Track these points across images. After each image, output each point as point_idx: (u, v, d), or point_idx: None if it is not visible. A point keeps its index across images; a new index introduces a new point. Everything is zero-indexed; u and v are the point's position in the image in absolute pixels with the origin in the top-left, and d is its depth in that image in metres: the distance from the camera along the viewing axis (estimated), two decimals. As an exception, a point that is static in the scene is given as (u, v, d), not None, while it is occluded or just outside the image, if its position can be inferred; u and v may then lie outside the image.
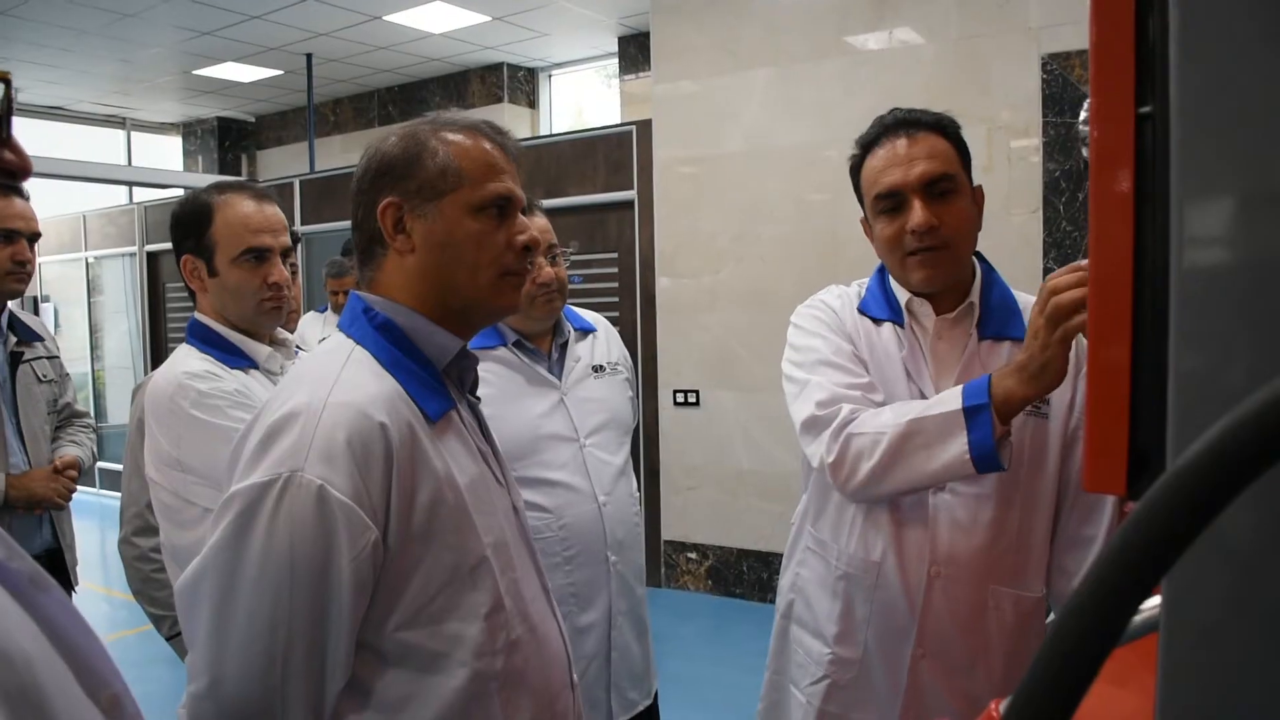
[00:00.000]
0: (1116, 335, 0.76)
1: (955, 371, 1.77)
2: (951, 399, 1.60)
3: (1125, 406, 0.78)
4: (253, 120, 12.00)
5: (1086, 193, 4.57)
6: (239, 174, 11.55)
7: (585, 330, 2.51)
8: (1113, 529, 1.68)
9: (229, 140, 11.93)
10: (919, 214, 1.70)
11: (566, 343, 2.43)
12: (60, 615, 0.81)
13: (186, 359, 1.97)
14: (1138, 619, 0.46)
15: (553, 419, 2.30)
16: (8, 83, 0.83)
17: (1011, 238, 4.70)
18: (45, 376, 3.19)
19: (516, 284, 1.37)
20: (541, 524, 2.22)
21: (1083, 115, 0.80)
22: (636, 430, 4.92)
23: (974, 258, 1.85)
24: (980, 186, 1.78)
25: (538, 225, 2.32)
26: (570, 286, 2.46)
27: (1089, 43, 0.76)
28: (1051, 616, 1.74)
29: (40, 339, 3.17)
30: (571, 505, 2.25)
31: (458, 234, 1.31)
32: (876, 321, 1.84)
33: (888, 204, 1.75)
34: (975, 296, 1.79)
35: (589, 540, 2.25)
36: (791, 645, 1.96)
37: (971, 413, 1.57)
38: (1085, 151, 0.80)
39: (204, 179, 10.17)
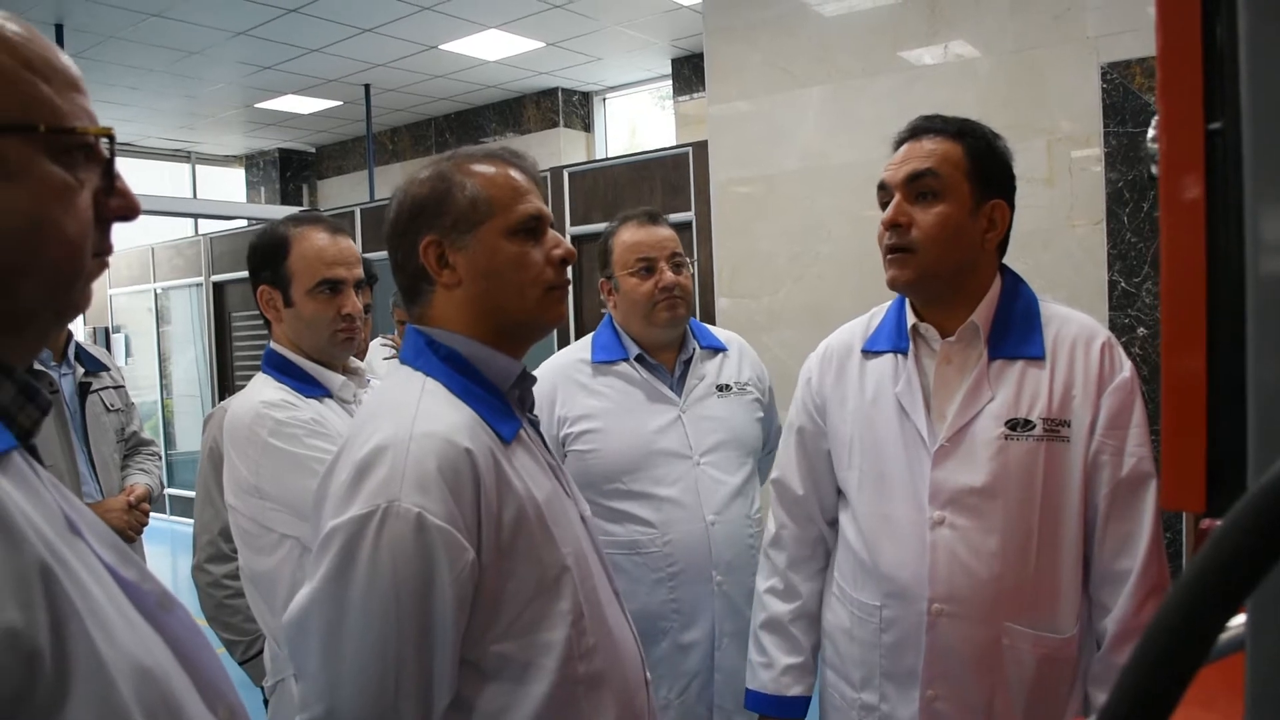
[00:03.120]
0: (1191, 349, 0.74)
1: (959, 396, 1.70)
2: (766, 680, 1.95)
3: (1203, 420, 0.76)
4: (313, 151, 12.24)
5: (1151, 203, 4.51)
6: (300, 204, 11.76)
7: (715, 348, 2.49)
8: (1150, 549, 1.61)
9: (290, 171, 12.16)
10: (889, 210, 1.70)
11: (691, 359, 2.42)
12: (184, 633, 0.86)
13: (263, 388, 2.01)
14: (1222, 638, 0.45)
15: (667, 435, 2.30)
16: (112, 137, 0.86)
17: (1075, 250, 4.64)
18: (113, 406, 3.27)
19: (560, 296, 1.43)
20: (646, 539, 2.24)
21: (1151, 133, 0.79)
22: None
23: (999, 272, 1.78)
24: (1000, 203, 1.69)
25: (661, 234, 2.37)
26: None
27: (1156, 57, 0.75)
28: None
29: (106, 369, 3.26)
30: (678, 522, 2.25)
31: (498, 260, 1.36)
32: (877, 355, 1.82)
33: (881, 200, 1.75)
34: (980, 316, 1.71)
35: (693, 558, 2.24)
36: (829, 690, 1.92)
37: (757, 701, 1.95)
38: (1155, 169, 0.79)
39: (267, 210, 10.38)
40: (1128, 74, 4.61)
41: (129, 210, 0.90)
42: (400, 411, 1.27)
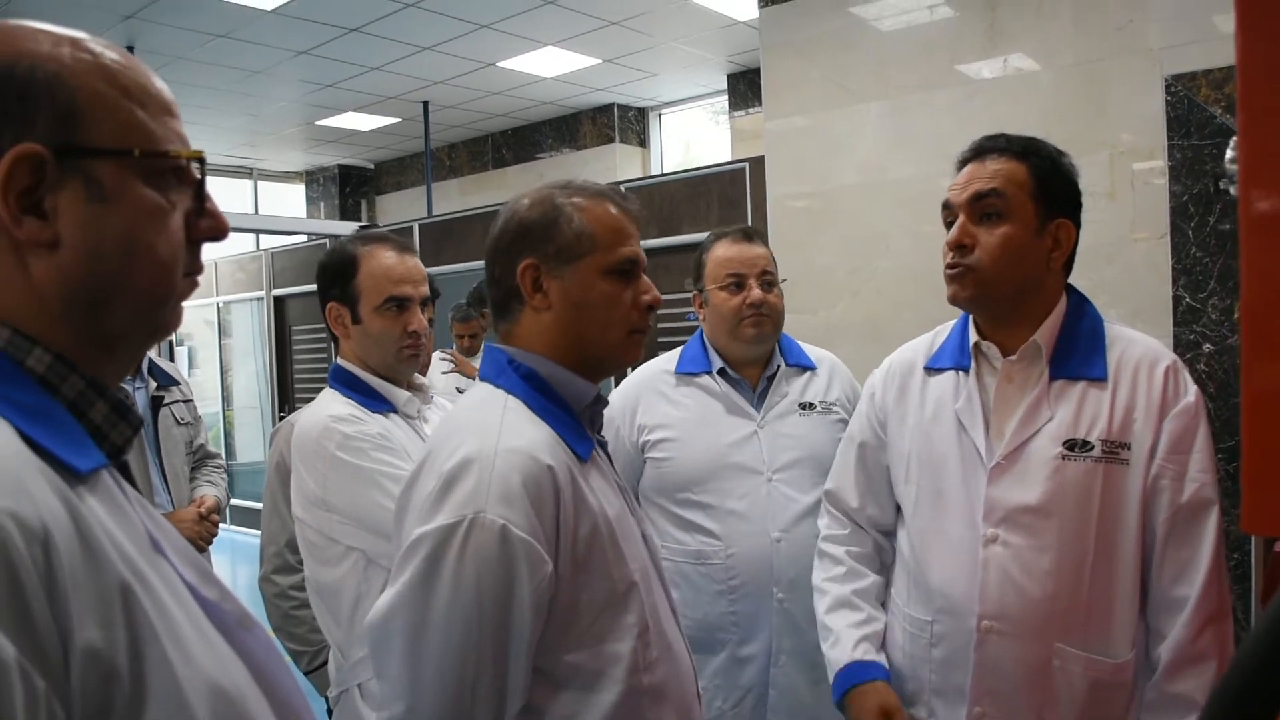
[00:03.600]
0: (1273, 368, 0.74)
1: (1018, 414, 1.69)
2: (839, 657, 1.88)
3: (1284, 442, 0.75)
4: (372, 167, 12.40)
5: (1218, 217, 4.44)
6: (359, 219, 11.91)
7: (803, 366, 2.48)
8: (1210, 576, 1.59)
9: (349, 186, 12.33)
10: (954, 230, 1.71)
11: (775, 375, 2.42)
12: (262, 653, 0.87)
13: (331, 403, 2.05)
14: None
15: (742, 450, 2.31)
16: (203, 160, 0.89)
17: (1138, 265, 4.57)
18: (182, 419, 3.35)
19: (640, 340, 1.49)
20: (710, 550, 2.26)
21: (1230, 154, 0.79)
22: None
23: (1065, 291, 1.77)
24: (1065, 222, 1.68)
25: (754, 252, 2.40)
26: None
27: (1236, 71, 0.75)
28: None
29: (176, 383, 3.34)
30: (742, 537, 2.26)
31: (591, 295, 1.42)
32: (939, 372, 1.82)
33: (945, 220, 1.76)
34: (1043, 335, 1.70)
35: (755, 573, 2.24)
36: None
37: (836, 682, 1.87)
38: (1234, 189, 0.79)
39: (327, 225, 10.53)
40: (1193, 86, 4.54)
41: (218, 231, 0.92)
42: (485, 427, 1.32)
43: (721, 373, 2.38)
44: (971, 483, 1.71)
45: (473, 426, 1.34)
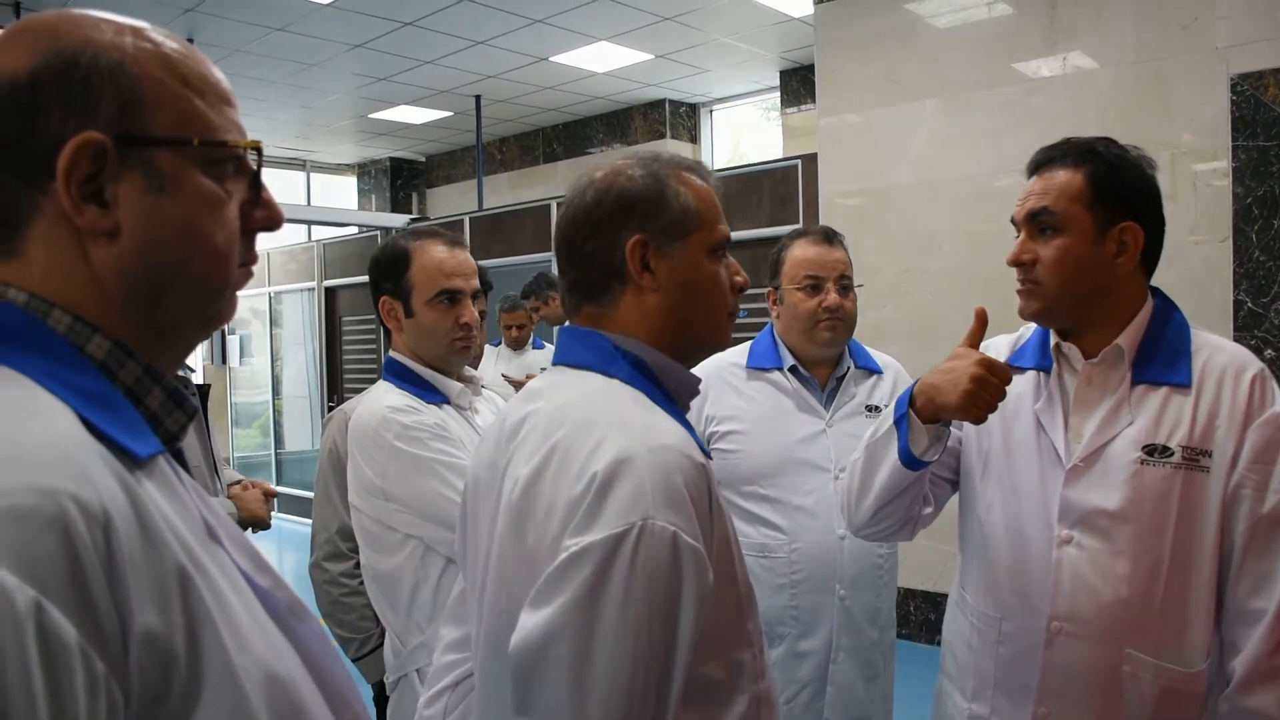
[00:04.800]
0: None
1: (1098, 417, 1.68)
2: (889, 415, 1.74)
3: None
4: (423, 160, 12.50)
5: (1283, 220, 4.33)
6: (409, 212, 12.01)
7: (870, 370, 2.51)
8: None
9: (400, 179, 12.44)
10: (1014, 248, 1.71)
11: (845, 376, 2.45)
12: (314, 642, 0.87)
13: (387, 394, 2.07)
14: None
15: (810, 447, 2.33)
16: (260, 150, 0.89)
17: (1198, 268, 4.49)
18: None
19: (733, 324, 1.41)
20: (775, 543, 2.28)
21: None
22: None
23: (1150, 294, 1.75)
24: (1130, 225, 1.65)
25: (834, 256, 2.41)
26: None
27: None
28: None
29: (193, 371, 3.39)
30: (807, 532, 2.28)
31: (699, 275, 1.33)
32: (1021, 370, 1.80)
33: (1017, 235, 1.75)
34: (1126, 339, 1.68)
35: (818, 569, 2.26)
36: (943, 698, 1.92)
37: (899, 422, 1.71)
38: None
39: (378, 217, 10.63)
40: (1260, 85, 4.44)
41: (273, 221, 0.92)
42: (625, 421, 1.20)
43: (793, 370, 2.40)
44: (1048, 483, 1.70)
45: (608, 420, 1.20)
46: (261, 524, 2.93)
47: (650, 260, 1.30)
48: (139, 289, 0.81)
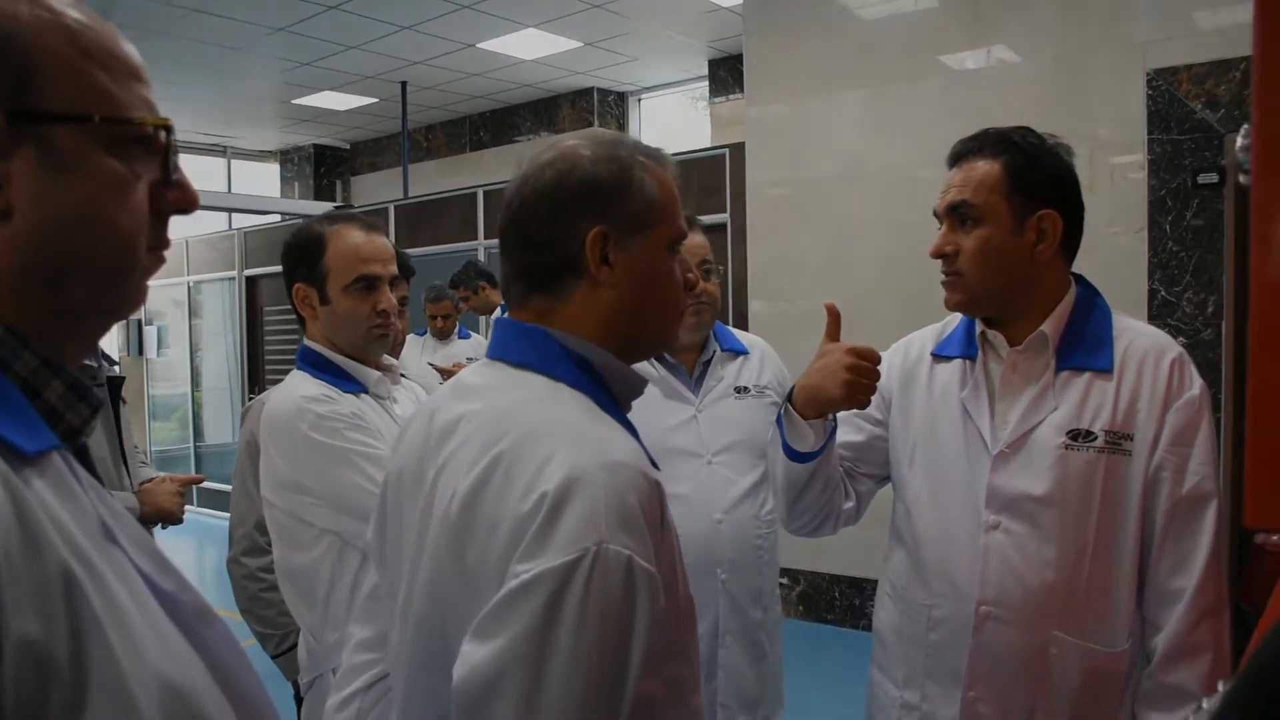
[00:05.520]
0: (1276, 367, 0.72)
1: (1023, 404, 1.70)
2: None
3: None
4: (348, 147, 12.33)
5: (1194, 211, 4.45)
6: (333, 199, 11.84)
7: (736, 351, 2.51)
8: (1207, 569, 1.58)
9: (324, 167, 12.26)
10: (936, 240, 1.74)
11: (711, 360, 2.43)
12: (223, 648, 0.82)
13: (302, 383, 2.01)
14: None
15: (681, 434, 2.32)
16: (170, 129, 0.85)
17: (1114, 258, 4.58)
18: (126, 399, 3.28)
19: (682, 323, 1.36)
20: None
21: (1241, 140, 0.77)
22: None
23: (1073, 280, 1.78)
24: (1049, 213, 1.68)
25: (694, 241, 2.32)
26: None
27: (1253, 63, 0.73)
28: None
29: (117, 363, 3.26)
30: (686, 520, 2.22)
31: (657, 272, 1.26)
32: (947, 360, 1.83)
33: (939, 227, 1.77)
34: (1050, 326, 1.71)
35: (698, 555, 2.20)
36: (875, 688, 1.93)
37: (780, 421, 1.78)
38: (1243, 176, 0.76)
39: (301, 205, 10.46)
40: (1174, 81, 4.54)
41: (187, 203, 0.88)
42: (575, 433, 1.13)
43: (659, 358, 2.36)
44: (975, 470, 1.72)
45: (557, 432, 1.13)
46: (172, 519, 2.84)
47: (609, 253, 1.21)
48: (35, 273, 0.77)
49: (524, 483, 1.07)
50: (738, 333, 2.58)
